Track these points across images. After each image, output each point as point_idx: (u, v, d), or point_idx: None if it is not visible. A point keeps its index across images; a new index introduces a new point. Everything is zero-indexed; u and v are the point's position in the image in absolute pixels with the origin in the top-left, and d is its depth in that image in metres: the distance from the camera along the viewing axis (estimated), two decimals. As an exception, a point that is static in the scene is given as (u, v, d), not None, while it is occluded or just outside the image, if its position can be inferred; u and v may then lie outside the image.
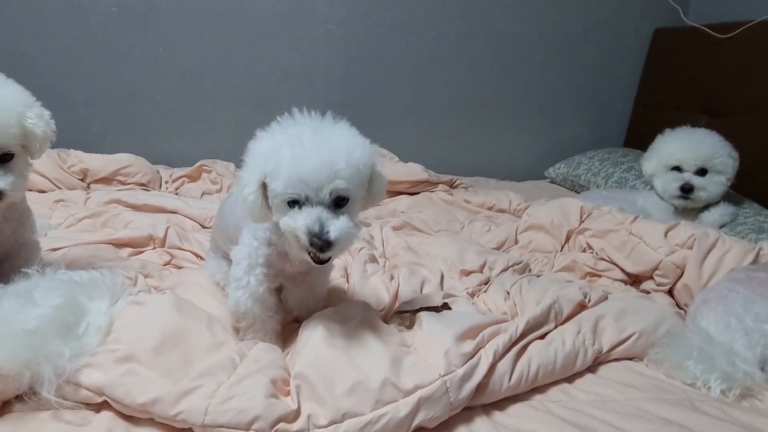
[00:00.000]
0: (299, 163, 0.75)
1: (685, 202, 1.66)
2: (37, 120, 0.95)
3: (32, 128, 0.94)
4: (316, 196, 0.76)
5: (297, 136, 0.78)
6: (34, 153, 0.97)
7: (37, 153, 0.98)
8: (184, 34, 2.21)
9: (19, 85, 0.97)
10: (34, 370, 0.77)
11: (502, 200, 1.94)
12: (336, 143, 0.77)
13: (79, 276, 0.90)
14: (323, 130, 0.79)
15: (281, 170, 0.76)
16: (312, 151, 0.75)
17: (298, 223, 0.77)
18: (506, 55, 2.50)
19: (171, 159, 2.32)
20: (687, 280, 1.25)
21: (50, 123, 0.99)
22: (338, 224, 0.77)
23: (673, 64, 2.39)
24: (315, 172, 0.75)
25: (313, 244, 0.77)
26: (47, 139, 0.98)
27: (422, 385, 0.79)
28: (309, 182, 0.75)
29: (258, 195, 0.81)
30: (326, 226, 0.76)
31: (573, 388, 0.94)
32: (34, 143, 0.95)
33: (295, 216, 0.78)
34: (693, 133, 1.70)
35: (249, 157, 0.83)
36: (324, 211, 0.77)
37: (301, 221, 0.77)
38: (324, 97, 2.41)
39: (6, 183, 0.91)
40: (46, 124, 0.97)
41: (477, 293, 1.23)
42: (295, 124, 0.82)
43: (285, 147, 0.77)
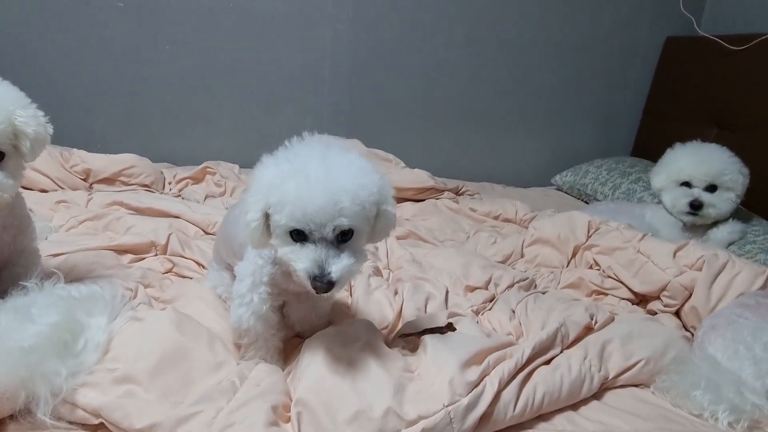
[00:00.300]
0: (303, 199, 0.73)
1: (694, 218, 1.64)
2: (29, 119, 0.92)
3: (22, 127, 0.91)
4: (319, 231, 0.75)
5: (303, 168, 0.75)
6: (27, 154, 0.94)
7: (30, 154, 0.95)
8: (191, 33, 2.19)
9: (14, 86, 0.95)
10: (30, 390, 0.76)
11: (509, 209, 1.92)
12: (343, 179, 0.74)
13: (77, 291, 0.89)
14: (331, 162, 0.76)
15: (285, 203, 0.74)
16: (317, 188, 0.73)
17: (299, 266, 0.76)
18: (515, 62, 2.48)
19: (175, 158, 2.30)
20: (695, 303, 1.23)
21: (46, 125, 0.97)
22: (339, 264, 0.75)
23: (684, 74, 2.35)
24: (319, 210, 0.73)
25: (315, 287, 0.76)
26: (41, 141, 0.95)
27: (426, 416, 0.77)
28: (312, 219, 0.74)
29: (260, 223, 0.79)
30: (327, 267, 0.75)
31: (578, 416, 0.93)
32: (24, 143, 0.92)
33: (296, 254, 0.77)
34: (703, 149, 1.68)
35: (254, 183, 0.81)
36: (325, 249, 0.75)
37: (301, 264, 0.76)
38: (330, 100, 2.39)
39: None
40: (39, 125, 0.94)
41: (482, 311, 1.21)
42: (301, 154, 0.79)
43: (290, 180, 0.74)
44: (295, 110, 2.37)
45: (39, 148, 0.96)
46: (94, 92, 2.20)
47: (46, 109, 2.27)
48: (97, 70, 2.17)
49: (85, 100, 2.20)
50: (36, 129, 0.93)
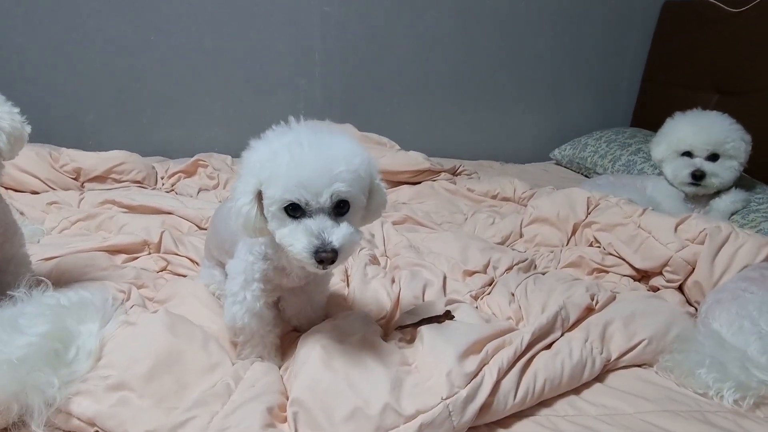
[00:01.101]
0: (298, 166, 0.71)
1: (696, 188, 1.61)
2: (3, 114, 0.91)
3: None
4: (316, 201, 0.72)
5: (295, 140, 0.74)
6: (3, 149, 0.92)
7: (7, 151, 0.93)
8: (176, 21, 2.15)
9: None
10: (23, 402, 0.74)
11: (507, 188, 1.89)
12: (335, 148, 0.74)
13: (67, 298, 0.87)
14: (322, 136, 0.75)
15: (279, 175, 0.72)
16: (311, 154, 0.72)
17: (297, 246, 0.73)
18: (509, 34, 2.42)
19: (168, 150, 2.28)
20: (698, 277, 1.21)
21: (22, 123, 0.95)
22: (340, 233, 0.73)
23: (682, 40, 2.30)
24: (315, 175, 0.71)
25: (320, 260, 0.73)
26: (18, 137, 0.93)
27: (424, 410, 0.76)
28: (308, 186, 0.71)
29: (253, 206, 0.76)
30: (328, 236, 0.72)
31: (580, 400, 0.91)
32: (1, 138, 0.90)
33: (293, 235, 0.74)
34: (704, 117, 1.64)
35: (243, 167, 0.79)
36: (324, 219, 0.73)
37: (300, 244, 0.73)
38: (321, 83, 2.34)
39: None
40: (15, 121, 0.92)
41: (481, 296, 1.19)
42: (291, 131, 0.78)
43: (283, 152, 0.73)
44: (286, 95, 2.33)
45: (17, 145, 0.94)
46: (82, 86, 2.17)
47: (34, 105, 2.25)
48: (83, 64, 2.14)
49: (74, 94, 2.17)
50: (12, 124, 0.92)
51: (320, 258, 0.72)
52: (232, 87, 2.29)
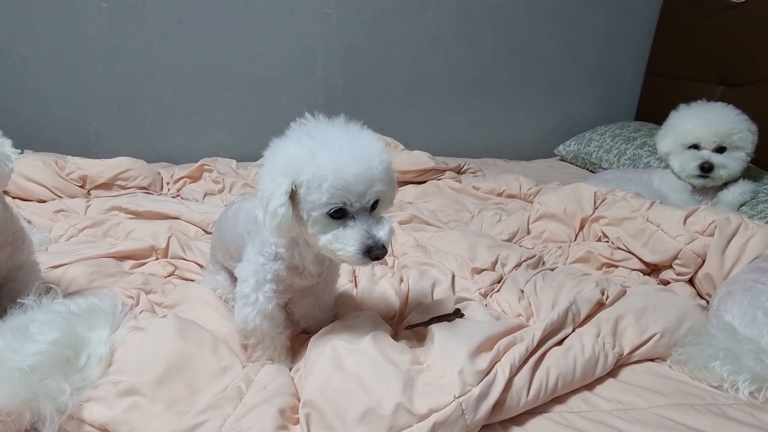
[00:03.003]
0: (342, 170, 0.73)
1: (705, 181, 1.60)
2: None
3: None
4: (360, 202, 0.75)
5: (331, 141, 0.75)
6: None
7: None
8: (178, 27, 2.15)
9: None
10: (35, 409, 0.75)
11: (512, 185, 1.89)
12: (368, 147, 0.76)
13: (76, 305, 0.87)
14: (352, 135, 0.77)
15: (322, 178, 0.73)
16: (351, 157, 0.73)
17: (350, 249, 0.76)
18: (510, 30, 2.41)
19: (172, 155, 2.28)
20: (708, 269, 1.20)
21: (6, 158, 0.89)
22: (384, 229, 0.78)
23: (685, 31, 2.28)
24: (358, 179, 0.73)
25: (374, 257, 0.76)
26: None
27: (437, 409, 0.75)
28: (354, 190, 0.74)
29: (288, 208, 0.76)
30: (376, 233, 0.77)
31: (594, 396, 0.91)
32: None
33: (341, 240, 0.77)
34: (710, 109, 1.63)
35: (270, 167, 0.78)
36: (367, 218, 0.77)
37: (352, 248, 0.76)
38: (323, 84, 2.34)
39: None
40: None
41: (490, 293, 1.18)
42: (319, 129, 0.78)
43: (321, 154, 0.73)
44: (289, 97, 2.33)
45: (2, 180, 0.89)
46: (85, 94, 2.18)
47: (38, 114, 2.24)
48: (86, 72, 2.14)
49: (77, 103, 2.18)
50: None
51: (375, 256, 0.77)
52: (234, 91, 2.29)
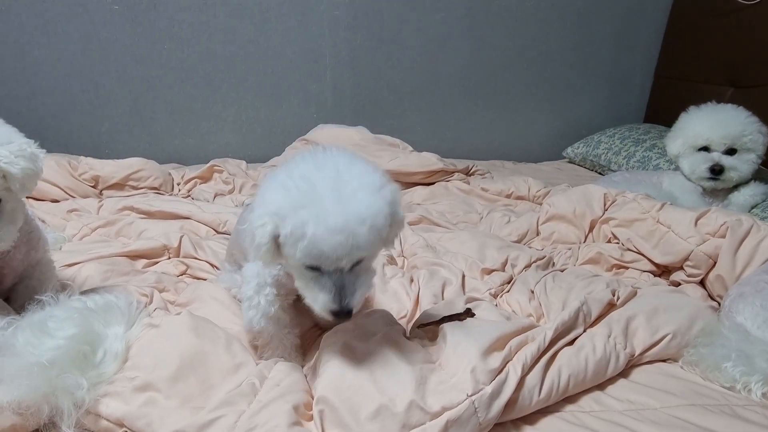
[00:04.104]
0: (320, 237, 0.69)
1: (715, 183, 1.60)
2: (14, 157, 0.85)
3: (7, 168, 0.84)
4: (335, 266, 0.73)
5: (315, 196, 0.70)
6: (19, 192, 0.88)
7: (23, 191, 0.89)
8: (188, 30, 2.17)
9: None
10: (53, 404, 0.76)
11: (521, 187, 1.89)
12: (359, 206, 0.70)
13: (93, 302, 0.88)
14: (344, 186, 0.71)
15: (299, 238, 0.70)
16: (333, 223, 0.68)
17: (316, 306, 0.76)
18: (518, 32, 2.42)
19: (182, 157, 2.30)
20: (720, 271, 1.20)
21: (34, 156, 0.89)
22: (356, 295, 0.75)
23: (694, 33, 2.28)
24: (337, 249, 0.69)
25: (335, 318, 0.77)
26: (31, 176, 0.88)
27: (449, 407, 0.75)
28: (329, 256, 0.71)
29: (270, 245, 0.75)
30: (344, 299, 0.74)
31: (605, 396, 0.91)
32: (14, 183, 0.86)
33: (311, 291, 0.76)
34: (720, 111, 1.62)
35: (259, 203, 0.76)
36: (340, 280, 0.74)
37: (318, 304, 0.76)
38: (332, 87, 2.36)
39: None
40: (26, 160, 0.87)
41: (500, 294, 1.19)
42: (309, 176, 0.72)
43: (302, 210, 0.70)
44: (298, 99, 2.35)
45: (31, 184, 0.90)
46: (97, 96, 2.20)
47: (51, 115, 2.27)
48: (98, 74, 2.17)
49: (89, 104, 2.20)
50: (24, 166, 0.86)
51: (335, 317, 0.77)
52: (244, 93, 2.31)
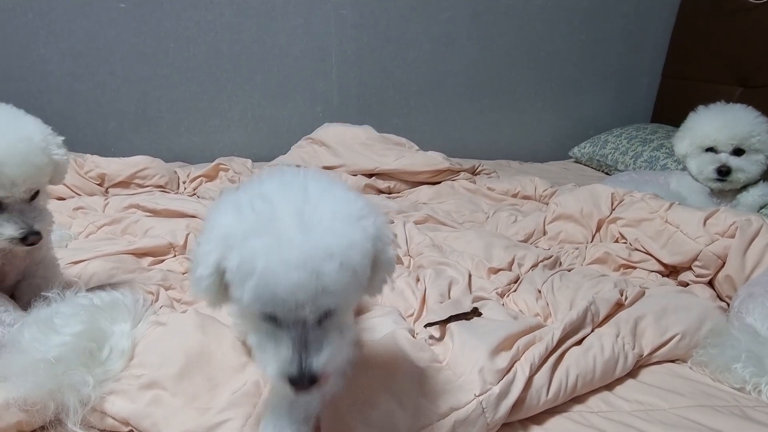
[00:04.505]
0: (273, 274, 0.52)
1: (722, 184, 1.58)
2: (60, 150, 0.92)
3: (59, 159, 0.92)
4: (296, 314, 0.54)
5: (272, 222, 0.54)
6: (58, 182, 0.96)
7: (61, 181, 0.97)
8: (195, 28, 2.17)
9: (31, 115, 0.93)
10: (59, 401, 0.75)
11: (527, 186, 1.88)
12: (328, 237, 0.53)
13: (99, 299, 0.88)
14: (311, 212, 0.55)
15: (247, 274, 0.53)
16: (294, 256, 0.52)
17: (268, 370, 0.57)
18: (525, 31, 2.41)
19: (188, 156, 2.30)
20: (729, 271, 1.19)
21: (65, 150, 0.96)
22: (322, 357, 0.56)
23: (703, 32, 2.27)
24: (294, 290, 0.52)
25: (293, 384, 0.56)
26: (66, 169, 0.97)
27: (457, 407, 0.75)
28: (287, 300, 0.53)
29: (214, 280, 0.58)
30: (305, 363, 0.55)
31: (614, 396, 0.90)
32: (62, 174, 0.94)
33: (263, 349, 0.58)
34: (728, 111, 1.61)
35: (207, 227, 0.60)
36: (301, 337, 0.56)
37: (270, 368, 0.56)
38: (338, 85, 2.35)
39: (41, 224, 0.89)
40: (66, 154, 0.94)
41: (507, 293, 1.18)
42: (271, 196, 0.57)
43: (255, 238, 0.53)
44: (303, 98, 2.35)
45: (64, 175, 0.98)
46: (103, 95, 2.20)
47: (57, 114, 2.27)
48: (104, 72, 2.17)
49: (95, 102, 2.21)
50: (66, 159, 0.94)
51: (295, 386, 0.56)
52: (250, 92, 2.31)
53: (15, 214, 0.87)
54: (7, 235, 0.86)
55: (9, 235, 0.86)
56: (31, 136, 0.86)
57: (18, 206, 0.87)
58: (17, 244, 0.87)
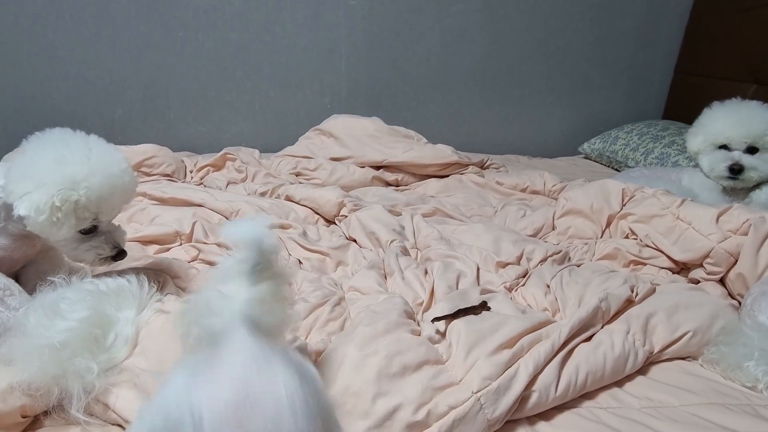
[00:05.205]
0: None
1: (734, 182, 1.56)
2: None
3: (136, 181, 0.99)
4: None
5: None
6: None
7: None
8: (204, 17, 2.16)
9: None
10: (63, 386, 0.75)
11: (536, 181, 1.86)
12: None
13: (105, 285, 0.88)
14: None
15: None
16: None
17: None
18: (536, 26, 2.38)
19: (195, 145, 2.29)
20: (741, 269, 1.17)
21: None
22: None
23: (717, 28, 2.23)
24: None
25: None
26: None
27: (455, 405, 0.74)
28: None
29: None
30: None
31: (623, 393, 0.89)
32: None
33: None
34: (743, 108, 1.58)
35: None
36: None
37: None
38: (347, 77, 2.34)
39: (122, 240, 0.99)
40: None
41: (515, 287, 1.17)
42: None
43: None
44: (312, 89, 2.33)
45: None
46: (110, 83, 2.19)
47: (65, 101, 2.27)
48: (112, 60, 2.16)
49: (103, 90, 2.20)
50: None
51: None
52: (258, 82, 2.29)
53: (106, 236, 0.96)
54: (105, 254, 0.95)
55: (106, 255, 0.95)
56: (127, 167, 0.93)
57: (106, 227, 0.96)
58: (107, 261, 0.97)
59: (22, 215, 0.83)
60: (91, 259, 0.94)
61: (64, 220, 0.85)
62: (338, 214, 1.53)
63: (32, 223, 0.85)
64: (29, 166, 0.86)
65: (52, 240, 0.91)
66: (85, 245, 0.93)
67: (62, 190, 0.84)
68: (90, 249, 0.93)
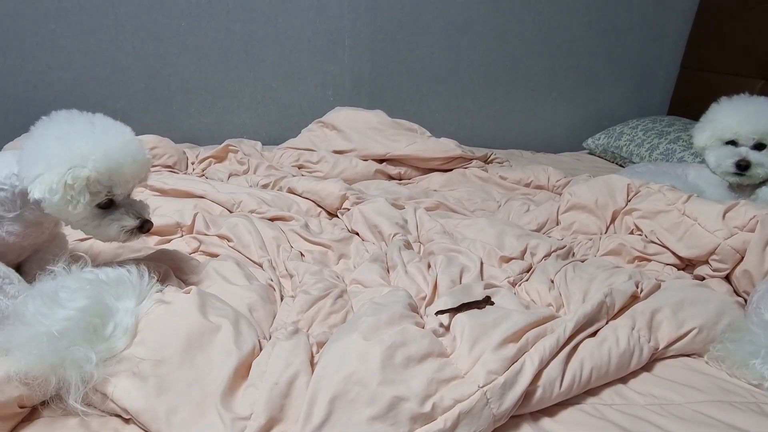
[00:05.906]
0: None
1: (740, 178, 1.54)
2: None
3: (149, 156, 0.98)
4: None
5: None
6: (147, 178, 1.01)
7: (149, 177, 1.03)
8: (207, 7, 2.14)
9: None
10: (61, 376, 0.74)
11: (540, 176, 1.85)
12: None
13: (105, 274, 0.87)
14: None
15: None
16: None
17: None
18: (542, 19, 2.36)
19: (197, 136, 2.28)
20: (747, 266, 1.16)
21: None
22: None
23: (724, 23, 2.21)
24: None
25: None
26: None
27: (461, 399, 0.73)
28: None
29: None
30: None
31: (628, 389, 0.88)
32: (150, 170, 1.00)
33: None
34: (751, 104, 1.56)
35: None
36: None
37: None
38: (351, 69, 2.32)
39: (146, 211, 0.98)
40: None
41: (519, 282, 1.16)
42: None
43: None
44: (315, 81, 2.31)
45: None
46: (112, 72, 2.18)
47: (66, 91, 2.25)
48: (114, 50, 2.15)
49: (105, 80, 2.19)
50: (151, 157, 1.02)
51: None
52: (261, 73, 2.28)
53: (126, 208, 0.95)
54: (129, 226, 0.94)
55: (131, 226, 0.94)
56: (132, 137, 0.92)
57: (125, 201, 0.95)
58: (135, 234, 0.96)
59: (38, 198, 0.84)
60: (116, 233, 0.94)
61: (78, 197, 0.86)
62: (341, 207, 1.52)
63: (48, 205, 0.85)
64: (37, 149, 0.87)
65: (72, 221, 0.92)
66: (106, 220, 0.93)
67: (72, 167, 0.84)
68: (112, 222, 0.93)
